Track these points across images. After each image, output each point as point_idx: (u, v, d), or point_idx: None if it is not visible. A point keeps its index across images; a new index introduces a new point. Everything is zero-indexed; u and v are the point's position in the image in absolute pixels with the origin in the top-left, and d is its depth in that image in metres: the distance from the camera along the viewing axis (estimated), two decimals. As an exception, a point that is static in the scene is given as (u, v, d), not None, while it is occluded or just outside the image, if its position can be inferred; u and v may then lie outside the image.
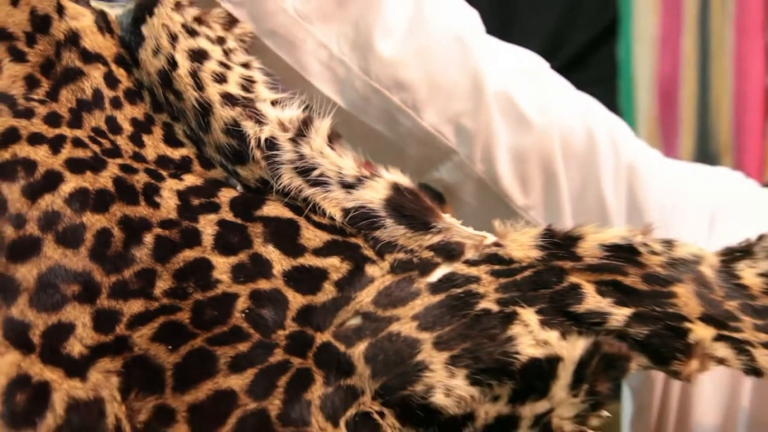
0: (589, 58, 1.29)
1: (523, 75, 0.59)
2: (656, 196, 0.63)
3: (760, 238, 0.45)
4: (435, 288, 0.42)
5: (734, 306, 0.43)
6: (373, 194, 0.44)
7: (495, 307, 0.41)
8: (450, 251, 0.44)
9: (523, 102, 0.57)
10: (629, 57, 1.20)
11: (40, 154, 0.42)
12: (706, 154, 1.11)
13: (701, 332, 0.41)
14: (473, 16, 0.59)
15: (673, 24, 1.16)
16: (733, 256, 0.46)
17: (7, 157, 0.41)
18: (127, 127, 0.46)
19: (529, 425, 0.39)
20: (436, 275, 0.43)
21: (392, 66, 0.54)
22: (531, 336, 0.40)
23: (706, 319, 0.41)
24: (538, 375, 0.39)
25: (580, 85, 0.59)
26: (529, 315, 0.40)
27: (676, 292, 0.42)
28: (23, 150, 0.41)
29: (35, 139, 0.42)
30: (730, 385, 0.60)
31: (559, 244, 0.43)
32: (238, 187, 0.46)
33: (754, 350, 0.41)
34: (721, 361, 0.41)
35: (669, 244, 0.44)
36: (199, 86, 0.46)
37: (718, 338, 0.41)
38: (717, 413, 0.60)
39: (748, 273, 0.45)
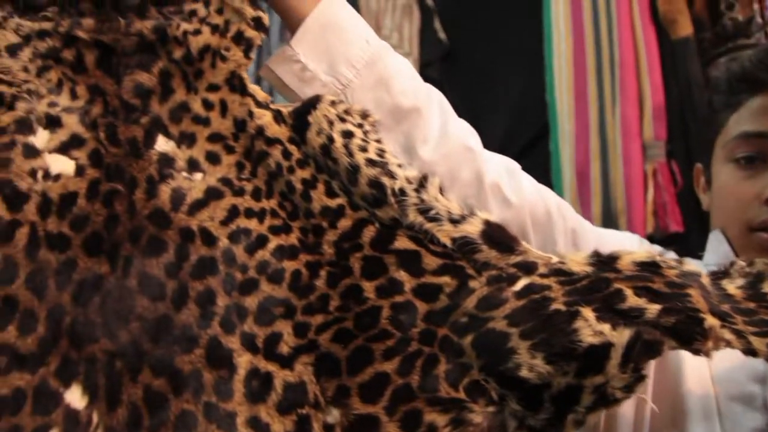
0: (531, 150, 1.72)
1: (506, 172, 0.72)
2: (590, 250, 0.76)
3: (732, 264, 0.54)
4: (519, 295, 0.52)
5: (727, 307, 0.50)
6: (473, 227, 0.55)
7: (563, 308, 0.50)
8: (528, 267, 0.53)
9: (506, 189, 0.70)
10: (557, 150, 1.66)
11: (252, 224, 0.55)
12: (609, 215, 1.56)
13: (712, 321, 0.49)
14: (474, 133, 0.73)
15: (582, 129, 1.62)
16: (717, 276, 0.54)
17: (234, 228, 0.54)
18: (299, 186, 0.57)
19: (591, 392, 0.49)
20: (519, 285, 0.52)
21: (427, 164, 0.67)
22: (590, 328, 0.49)
23: (712, 313, 0.49)
24: (596, 357, 0.49)
25: (525, 169, 0.76)
26: (588, 312, 0.50)
27: (690, 293, 0.50)
28: (243, 222, 0.55)
29: (249, 213, 0.55)
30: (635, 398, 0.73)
31: (604, 262, 0.52)
32: (376, 224, 0.56)
33: (749, 337, 0.49)
34: (728, 343, 0.49)
35: (679, 261, 0.52)
36: (350, 154, 0.57)
37: (723, 326, 0.49)
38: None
39: (730, 286, 0.53)
